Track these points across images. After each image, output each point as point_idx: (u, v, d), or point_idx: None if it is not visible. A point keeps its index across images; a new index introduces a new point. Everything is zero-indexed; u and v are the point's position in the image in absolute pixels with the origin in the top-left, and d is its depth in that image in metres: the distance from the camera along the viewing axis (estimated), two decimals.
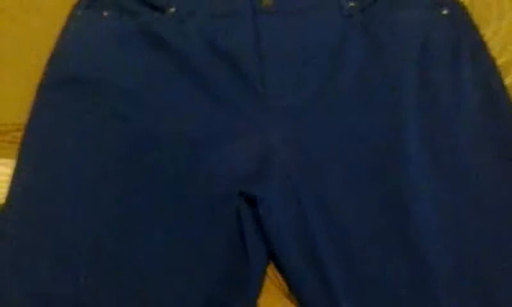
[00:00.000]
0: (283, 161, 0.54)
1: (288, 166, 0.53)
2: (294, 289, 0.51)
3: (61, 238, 0.51)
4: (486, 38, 0.60)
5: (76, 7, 0.62)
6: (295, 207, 0.52)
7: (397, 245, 0.50)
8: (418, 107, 0.56)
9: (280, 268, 0.52)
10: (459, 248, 0.50)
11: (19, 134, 0.58)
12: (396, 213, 0.51)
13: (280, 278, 0.53)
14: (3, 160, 0.58)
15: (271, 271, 0.53)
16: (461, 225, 0.51)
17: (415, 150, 0.54)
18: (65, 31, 0.61)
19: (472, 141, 0.54)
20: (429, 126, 0.55)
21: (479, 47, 0.59)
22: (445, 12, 0.61)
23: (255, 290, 0.51)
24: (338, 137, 0.55)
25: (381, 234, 0.51)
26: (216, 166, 0.54)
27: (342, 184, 0.53)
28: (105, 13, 0.62)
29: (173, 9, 0.61)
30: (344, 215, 0.51)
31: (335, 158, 0.54)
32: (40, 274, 0.50)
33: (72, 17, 0.62)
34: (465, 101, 0.56)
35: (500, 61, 0.61)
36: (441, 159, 0.53)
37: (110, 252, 0.51)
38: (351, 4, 0.61)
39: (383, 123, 0.55)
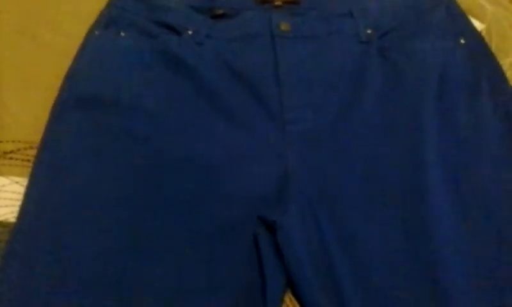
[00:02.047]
0: (302, 186, 0.53)
1: (307, 192, 0.52)
2: None
3: (72, 260, 0.50)
4: (504, 69, 0.60)
5: (94, 26, 0.62)
6: (315, 235, 0.50)
7: (419, 279, 0.49)
8: (438, 136, 0.55)
9: (298, 297, 0.50)
10: (481, 281, 0.49)
11: (32, 152, 0.57)
12: (418, 244, 0.50)
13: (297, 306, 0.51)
14: (15, 179, 0.56)
15: (288, 298, 0.51)
16: (483, 259, 0.50)
17: (435, 180, 0.53)
18: (82, 50, 0.61)
19: (493, 172, 0.54)
20: (449, 157, 0.54)
21: (497, 76, 0.59)
22: (462, 41, 0.61)
23: None
24: (357, 163, 0.54)
25: (403, 267, 0.49)
26: (233, 190, 0.53)
27: (362, 212, 0.52)
28: (122, 34, 0.62)
29: (190, 32, 0.61)
30: (365, 246, 0.50)
31: (355, 185, 0.53)
32: (49, 295, 0.48)
33: (89, 36, 0.62)
34: (485, 132, 0.56)
35: None
36: (462, 191, 0.53)
37: (120, 274, 0.49)
38: (368, 31, 0.61)
39: (403, 151, 0.55)
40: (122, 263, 0.50)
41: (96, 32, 0.62)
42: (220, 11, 0.64)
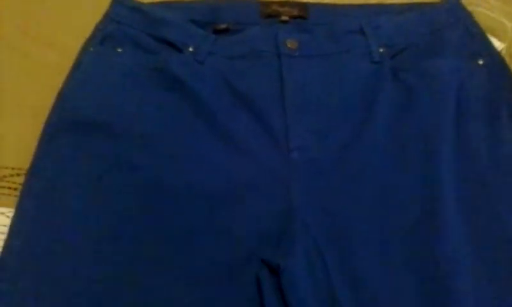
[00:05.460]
0: (307, 223, 0.49)
1: (313, 230, 0.49)
2: None
3: (63, 299, 0.47)
4: None
5: (88, 42, 0.59)
6: (322, 279, 0.47)
7: None
8: (454, 167, 0.52)
9: None
10: None
11: (19, 180, 0.54)
12: (431, 287, 0.47)
13: None
14: (1, 209, 0.54)
15: None
16: (501, 302, 0.47)
17: (451, 214, 0.50)
18: (76, 67, 0.57)
19: None
20: (466, 190, 0.51)
21: None
22: (480, 62, 0.58)
23: None
24: (367, 196, 0.51)
25: None
26: (233, 224, 0.50)
27: (372, 251, 0.49)
28: (119, 50, 0.58)
29: (191, 49, 0.57)
30: (374, 290, 0.47)
31: (363, 221, 0.50)
32: None
33: (83, 53, 0.58)
34: (505, 163, 0.52)
35: None
36: (480, 227, 0.49)
37: None
38: (381, 49, 0.58)
39: (417, 182, 0.51)
40: (115, 303, 0.47)
41: (92, 49, 0.58)
42: (223, 26, 0.61)
